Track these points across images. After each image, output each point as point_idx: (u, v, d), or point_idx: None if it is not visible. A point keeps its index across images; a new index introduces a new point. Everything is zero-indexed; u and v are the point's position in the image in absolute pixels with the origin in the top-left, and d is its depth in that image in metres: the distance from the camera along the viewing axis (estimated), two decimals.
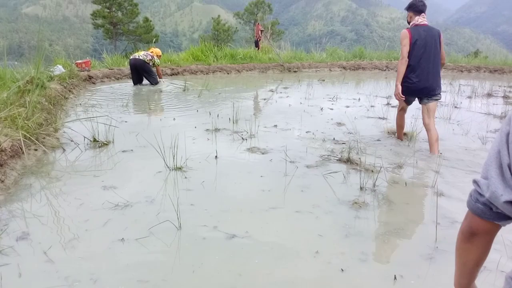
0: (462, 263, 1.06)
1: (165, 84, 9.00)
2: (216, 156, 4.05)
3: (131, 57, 8.95)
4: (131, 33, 35.70)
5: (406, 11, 4.54)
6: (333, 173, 3.59)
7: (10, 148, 3.64)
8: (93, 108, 6.27)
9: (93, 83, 8.94)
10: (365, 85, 9.61)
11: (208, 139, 4.73)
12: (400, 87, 4.40)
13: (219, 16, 45.44)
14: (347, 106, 6.82)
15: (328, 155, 4.13)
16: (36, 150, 4.03)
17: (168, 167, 3.68)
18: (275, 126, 5.39)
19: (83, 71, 9.21)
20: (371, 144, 4.58)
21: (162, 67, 10.72)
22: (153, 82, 8.89)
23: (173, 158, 3.70)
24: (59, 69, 8.30)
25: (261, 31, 13.18)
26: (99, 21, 36.14)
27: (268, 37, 13.62)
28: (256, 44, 13.27)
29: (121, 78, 9.69)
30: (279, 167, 3.77)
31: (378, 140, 4.78)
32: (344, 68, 12.30)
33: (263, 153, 4.22)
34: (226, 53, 12.48)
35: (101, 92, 7.97)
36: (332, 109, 6.65)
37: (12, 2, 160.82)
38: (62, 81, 7.34)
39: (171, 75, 10.27)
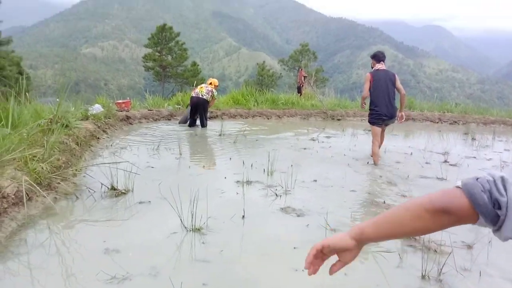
0: (399, 222, 0.98)
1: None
2: (243, 216, 3.46)
3: (193, 95, 8.62)
4: (179, 76, 36.95)
5: (371, 59, 6.16)
6: (386, 252, 2.87)
7: (14, 194, 3.25)
8: (122, 151, 5.94)
9: (130, 123, 8.78)
10: (416, 138, 8.81)
11: (237, 193, 4.16)
12: (363, 102, 6.50)
13: (264, 62, 46.37)
14: (398, 162, 6.07)
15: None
16: (45, 197, 3.63)
17: (185, 228, 3.12)
18: (315, 181, 4.75)
19: (122, 111, 9.12)
20: None
21: None
22: (204, 125, 8.70)
23: (192, 217, 3.14)
24: (97, 108, 8.21)
25: (304, 77, 12.85)
26: (150, 64, 37.82)
27: (312, 84, 13.23)
28: (299, 90, 12.90)
29: (158, 120, 9.51)
30: (317, 235, 3.11)
31: None
32: None
33: (298, 215, 3.57)
34: (267, 97, 12.15)
35: (135, 134, 7.73)
36: (381, 163, 5.93)
37: (72, 43, 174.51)
38: (97, 120, 7.17)
39: (209, 118, 9.98)
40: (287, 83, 50.05)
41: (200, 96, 8.59)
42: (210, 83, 8.99)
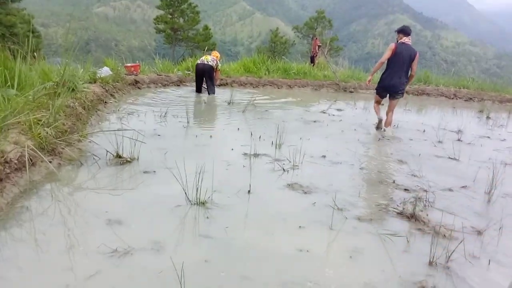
0: None
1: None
2: (249, 191, 3.38)
3: (199, 62, 8.71)
4: (190, 39, 36.35)
5: (397, 33, 6.28)
6: (393, 235, 2.78)
7: (17, 159, 3.20)
8: (129, 117, 5.86)
9: (139, 88, 8.66)
10: (429, 114, 8.59)
11: (244, 166, 4.08)
12: (370, 78, 6.57)
13: (277, 28, 45.27)
14: (410, 139, 5.91)
15: (386, 205, 3.33)
16: (50, 162, 3.58)
17: (190, 201, 3.06)
18: (324, 157, 4.64)
19: (130, 74, 8.98)
20: (441, 195, 3.69)
21: None
22: (211, 91, 8.63)
23: (197, 191, 3.07)
24: (105, 71, 8.09)
25: (319, 46, 12.47)
26: (161, 26, 37.18)
27: (325, 53, 12.86)
28: (312, 60, 12.57)
29: (167, 85, 9.38)
30: (324, 215, 3.03)
31: (450, 189, 3.88)
32: (406, 92, 11.23)
33: (305, 193, 3.49)
34: (279, 66, 11.89)
35: (143, 99, 7.63)
36: (389, 140, 5.79)
37: (84, 1, 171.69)
38: (105, 84, 7.06)
39: (219, 85, 9.80)
40: (299, 51, 49.02)
41: (206, 62, 8.56)
42: (216, 56, 9.02)
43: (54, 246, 2.33)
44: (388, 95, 6.38)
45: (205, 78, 8.63)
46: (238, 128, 5.74)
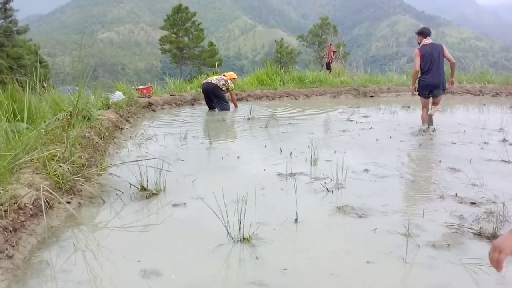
0: None
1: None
2: (296, 220, 2.95)
3: (204, 81, 8.63)
4: (196, 57, 36.33)
5: (417, 35, 6.45)
6: (480, 264, 2.31)
7: (32, 203, 2.82)
8: (147, 142, 5.49)
9: (153, 110, 8.34)
10: (462, 113, 8.07)
11: (282, 189, 3.65)
12: (413, 89, 6.56)
13: (282, 39, 45.19)
14: (453, 143, 5.42)
15: (458, 225, 2.85)
16: (69, 202, 3.20)
17: (232, 238, 2.63)
18: (366, 171, 4.19)
19: (143, 97, 8.67)
20: None
21: None
22: (220, 108, 8.36)
23: (239, 225, 2.65)
24: (118, 95, 7.79)
25: (333, 52, 12.08)
26: (167, 46, 37.29)
27: (340, 59, 12.46)
28: (328, 67, 12.17)
29: (181, 105, 9.04)
30: (390, 244, 2.57)
31: None
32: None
33: (360, 216, 3.04)
34: (293, 76, 11.52)
35: (160, 121, 7.28)
36: (433, 144, 5.31)
37: (89, 28, 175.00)
38: (119, 109, 6.73)
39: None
40: (305, 60, 48.72)
41: (210, 81, 8.41)
42: (228, 77, 8.67)
43: None
44: (431, 94, 6.35)
45: (210, 97, 8.46)
46: (265, 146, 5.32)
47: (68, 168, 3.53)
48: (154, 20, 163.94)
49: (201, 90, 9.79)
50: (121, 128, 6.15)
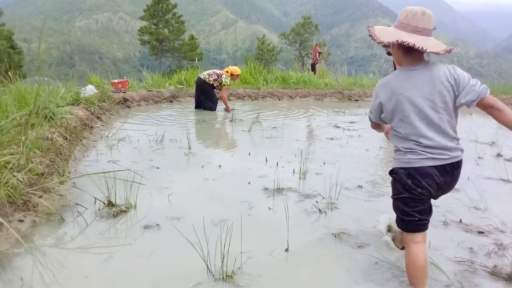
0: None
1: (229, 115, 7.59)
2: (287, 249, 2.57)
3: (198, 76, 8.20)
4: (176, 50, 35.47)
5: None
6: None
7: None
8: (119, 144, 5.00)
9: (128, 106, 7.79)
10: None
11: (269, 209, 3.26)
12: None
13: (264, 35, 44.75)
14: None
15: (470, 261, 2.53)
16: (21, 221, 2.71)
17: (213, 275, 2.22)
18: (360, 187, 3.85)
19: (118, 92, 8.11)
20: None
21: None
22: (206, 107, 7.88)
23: (222, 260, 2.24)
24: (89, 90, 7.23)
25: (319, 53, 11.76)
26: (146, 37, 36.26)
27: (326, 60, 12.17)
28: (313, 68, 11.84)
29: (159, 102, 8.52)
30: (396, 282, 2.23)
31: None
32: None
33: (359, 246, 2.68)
34: (277, 76, 11.15)
35: (135, 120, 6.77)
36: None
37: (66, 16, 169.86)
38: (90, 105, 6.18)
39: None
40: (285, 57, 48.36)
41: (201, 77, 7.93)
42: (227, 71, 8.04)
43: None
44: None
45: (199, 93, 7.99)
46: (249, 153, 4.92)
47: (24, 178, 3.04)
48: (134, 10, 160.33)
49: (181, 86, 9.33)
50: (92, 127, 5.62)
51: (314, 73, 11.56)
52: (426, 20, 1.99)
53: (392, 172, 2.15)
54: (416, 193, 2.02)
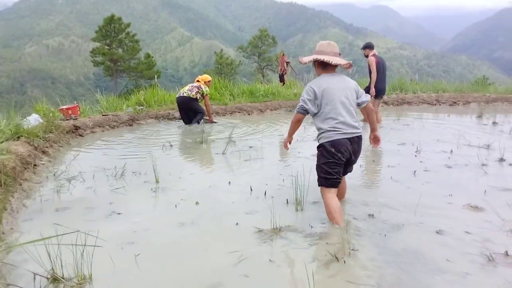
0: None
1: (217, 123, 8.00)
2: None
3: (178, 95, 7.98)
4: (132, 69, 34.12)
5: (363, 49, 7.54)
6: None
7: None
8: (70, 185, 4.10)
9: (80, 135, 6.81)
10: (431, 127, 7.46)
11: (270, 261, 2.52)
12: (374, 90, 7.22)
13: (221, 50, 44.28)
14: (449, 167, 4.63)
15: None
16: None
17: None
18: (371, 216, 3.20)
19: (68, 119, 7.13)
20: None
21: (169, 109, 8.70)
22: (200, 118, 7.81)
23: None
24: (34, 120, 6.26)
25: (287, 63, 11.23)
26: (99, 58, 34.71)
27: (293, 69, 11.64)
28: (281, 78, 11.28)
29: (117, 127, 7.58)
30: None
31: None
32: (385, 103, 10.19)
33: None
34: (243, 89, 10.48)
35: (88, 151, 5.84)
36: (427, 170, 4.49)
37: (15, 42, 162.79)
38: (33, 138, 5.22)
39: (179, 119, 8.16)
40: (243, 71, 48.03)
41: (182, 94, 7.76)
42: (198, 80, 8.06)
43: None
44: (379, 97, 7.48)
45: (187, 111, 7.78)
46: (229, 182, 4.16)
47: None
48: (86, 32, 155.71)
49: (140, 108, 8.46)
50: (35, 165, 4.67)
51: (283, 84, 11.01)
52: (331, 46, 3.14)
53: (320, 147, 3.14)
54: (336, 157, 3.00)
